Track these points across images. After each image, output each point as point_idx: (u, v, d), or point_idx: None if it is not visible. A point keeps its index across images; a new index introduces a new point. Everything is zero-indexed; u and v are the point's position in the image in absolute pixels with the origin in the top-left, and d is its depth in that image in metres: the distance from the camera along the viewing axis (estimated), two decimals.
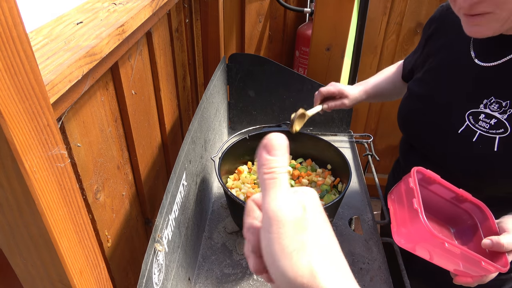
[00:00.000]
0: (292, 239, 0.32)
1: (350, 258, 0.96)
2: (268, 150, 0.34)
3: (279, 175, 0.34)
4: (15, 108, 0.34)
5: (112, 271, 0.79)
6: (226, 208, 1.12)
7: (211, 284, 0.90)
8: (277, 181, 0.34)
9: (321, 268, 0.32)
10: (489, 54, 0.78)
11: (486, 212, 0.80)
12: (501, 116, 0.76)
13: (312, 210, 0.35)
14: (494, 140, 0.76)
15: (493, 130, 0.77)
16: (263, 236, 0.34)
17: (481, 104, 0.79)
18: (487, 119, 0.77)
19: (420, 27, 1.91)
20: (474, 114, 0.79)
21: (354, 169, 1.27)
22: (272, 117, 1.41)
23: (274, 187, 0.34)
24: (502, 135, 0.76)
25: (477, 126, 0.79)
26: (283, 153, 0.34)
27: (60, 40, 0.59)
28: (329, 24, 1.38)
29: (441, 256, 0.72)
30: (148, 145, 0.95)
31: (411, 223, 0.72)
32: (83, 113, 0.64)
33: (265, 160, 0.34)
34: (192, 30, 1.29)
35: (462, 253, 0.69)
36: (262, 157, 0.34)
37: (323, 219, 0.36)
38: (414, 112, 0.92)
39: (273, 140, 0.34)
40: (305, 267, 0.32)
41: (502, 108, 0.76)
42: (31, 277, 0.45)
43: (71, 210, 0.44)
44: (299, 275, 0.32)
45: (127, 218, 0.85)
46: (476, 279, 0.73)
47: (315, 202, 0.36)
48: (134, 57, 0.83)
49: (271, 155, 0.34)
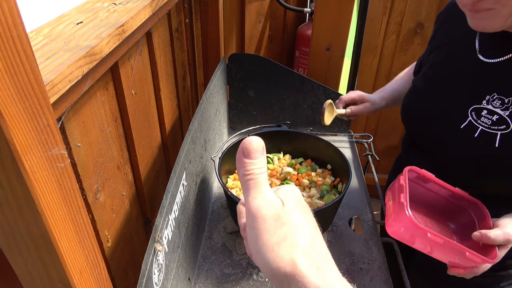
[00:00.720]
0: (274, 233, 0.35)
1: (350, 258, 0.96)
2: (246, 154, 0.36)
3: (258, 176, 0.36)
4: (15, 108, 0.34)
5: (112, 271, 0.79)
6: (226, 208, 1.12)
7: (211, 284, 0.90)
8: (256, 181, 0.36)
9: (302, 258, 0.34)
10: (493, 51, 0.79)
11: (483, 210, 0.81)
12: (503, 112, 0.76)
13: (291, 204, 0.38)
14: (496, 136, 0.77)
15: (495, 126, 0.77)
16: (248, 233, 0.37)
17: (483, 100, 0.79)
18: (489, 115, 0.78)
19: (420, 27, 1.91)
20: (476, 110, 0.80)
21: (354, 169, 1.27)
22: (272, 117, 1.41)
23: (254, 187, 0.37)
24: (504, 131, 0.76)
25: (479, 122, 0.79)
26: (260, 155, 0.37)
27: (60, 40, 0.59)
28: (329, 24, 1.38)
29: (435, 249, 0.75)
30: (148, 145, 0.95)
31: (398, 215, 0.76)
32: (83, 113, 0.64)
33: (244, 163, 0.36)
34: (192, 30, 1.29)
35: (445, 243, 0.72)
36: (241, 160, 0.37)
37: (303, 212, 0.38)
38: (417, 107, 0.92)
39: (250, 143, 0.36)
40: (287, 258, 0.34)
41: (504, 105, 0.76)
42: (31, 277, 0.45)
43: (71, 210, 0.44)
44: (281, 266, 0.34)
45: (127, 218, 0.85)
46: (468, 270, 0.76)
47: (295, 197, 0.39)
48: (134, 57, 0.83)
49: (250, 158, 0.36)
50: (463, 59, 0.84)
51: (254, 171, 0.36)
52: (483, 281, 0.97)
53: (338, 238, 1.01)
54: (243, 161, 0.36)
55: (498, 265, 0.95)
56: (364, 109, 1.10)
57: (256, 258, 0.37)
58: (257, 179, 0.36)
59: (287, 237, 0.35)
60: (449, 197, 0.86)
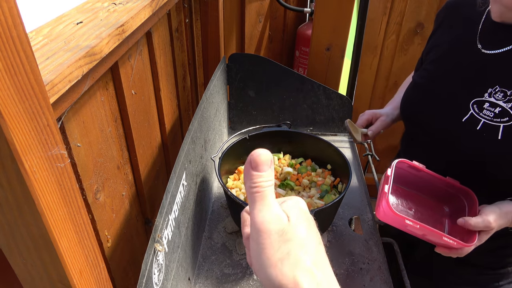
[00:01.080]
0: (278, 249, 0.35)
1: (350, 258, 0.96)
2: (254, 166, 0.36)
3: (264, 189, 0.36)
4: (15, 108, 0.34)
5: (112, 271, 0.79)
6: (226, 208, 1.12)
7: (211, 284, 0.90)
8: (263, 194, 0.36)
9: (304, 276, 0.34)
10: (494, 43, 0.79)
11: (473, 197, 0.85)
12: (506, 104, 0.76)
13: (296, 219, 0.37)
14: (498, 128, 0.77)
15: (498, 118, 0.77)
16: (252, 246, 0.37)
17: (485, 93, 0.79)
18: (492, 108, 0.78)
19: (420, 27, 1.91)
20: (478, 102, 0.80)
21: (354, 169, 1.27)
22: (272, 117, 1.41)
23: (261, 200, 0.36)
24: (506, 124, 0.76)
25: (481, 115, 0.79)
26: (268, 168, 0.37)
27: (60, 40, 0.59)
28: (329, 24, 1.38)
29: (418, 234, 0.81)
30: (148, 145, 0.95)
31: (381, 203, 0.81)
32: (83, 113, 0.64)
33: (251, 175, 0.36)
34: (192, 30, 1.29)
35: (422, 228, 0.77)
36: (249, 172, 0.36)
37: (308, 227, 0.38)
38: (418, 101, 0.92)
39: (258, 156, 0.36)
40: (289, 276, 0.34)
41: (507, 97, 0.77)
42: (31, 277, 0.45)
43: (71, 210, 0.44)
44: (283, 283, 0.34)
45: (127, 218, 0.85)
46: (453, 251, 0.79)
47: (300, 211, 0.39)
48: (134, 57, 0.83)
49: (257, 170, 0.36)
50: (464, 54, 0.84)
51: (261, 184, 0.36)
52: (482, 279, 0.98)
53: (338, 238, 1.01)
54: (250, 174, 0.36)
55: (497, 264, 0.96)
56: (381, 124, 1.08)
57: (258, 271, 0.37)
58: (263, 192, 0.36)
59: (290, 254, 0.35)
60: (442, 184, 0.90)
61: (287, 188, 1.06)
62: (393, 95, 1.20)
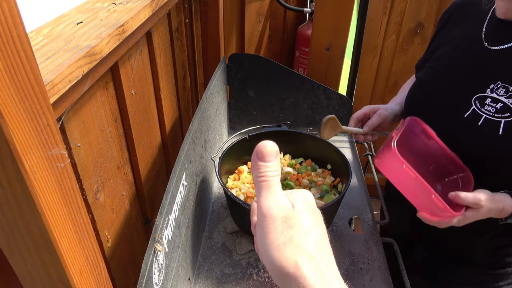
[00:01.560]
0: (281, 233, 0.37)
1: (350, 258, 0.96)
2: (260, 157, 0.38)
3: (270, 178, 0.38)
4: (15, 108, 0.34)
5: (112, 271, 0.79)
6: (226, 208, 1.12)
7: (211, 284, 0.90)
8: (269, 183, 0.38)
9: (306, 261, 0.35)
10: (499, 39, 0.79)
11: (470, 178, 0.84)
12: (507, 100, 0.77)
13: (301, 208, 0.39)
14: (500, 124, 0.77)
15: (499, 114, 0.77)
16: (257, 231, 0.39)
17: (487, 89, 0.79)
18: (493, 103, 0.78)
19: (420, 27, 1.91)
20: (480, 98, 0.80)
21: (354, 169, 1.27)
22: (272, 117, 1.41)
23: (267, 188, 0.38)
24: (507, 119, 0.76)
25: (483, 110, 0.79)
26: (273, 159, 0.39)
27: (60, 40, 0.59)
28: (329, 24, 1.38)
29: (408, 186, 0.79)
30: (148, 145, 0.95)
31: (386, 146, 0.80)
32: (83, 113, 0.64)
33: (258, 165, 0.38)
34: (192, 30, 1.29)
35: (416, 179, 0.75)
36: (256, 163, 0.39)
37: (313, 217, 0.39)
38: (422, 98, 0.93)
39: (265, 147, 0.38)
40: (291, 259, 0.35)
41: (509, 93, 0.77)
42: (31, 277, 0.45)
43: (71, 210, 0.44)
44: (285, 266, 0.35)
45: (127, 218, 0.85)
46: (434, 218, 0.78)
47: (306, 201, 0.40)
48: (134, 57, 0.83)
49: (263, 161, 0.38)
50: (469, 51, 0.85)
51: (267, 173, 0.38)
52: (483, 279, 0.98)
53: (338, 238, 1.01)
54: (257, 164, 0.38)
55: (496, 264, 0.96)
56: (378, 118, 1.01)
57: (262, 255, 0.38)
58: (269, 181, 0.38)
59: (293, 238, 0.36)
60: (445, 159, 0.88)
61: (287, 188, 1.06)
62: (393, 95, 1.20)
